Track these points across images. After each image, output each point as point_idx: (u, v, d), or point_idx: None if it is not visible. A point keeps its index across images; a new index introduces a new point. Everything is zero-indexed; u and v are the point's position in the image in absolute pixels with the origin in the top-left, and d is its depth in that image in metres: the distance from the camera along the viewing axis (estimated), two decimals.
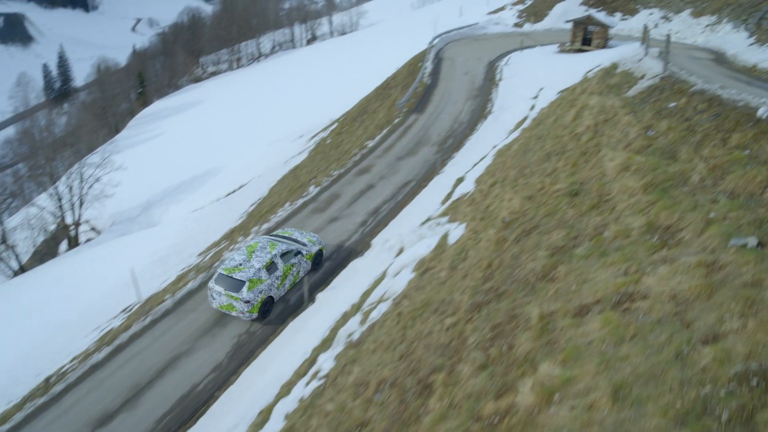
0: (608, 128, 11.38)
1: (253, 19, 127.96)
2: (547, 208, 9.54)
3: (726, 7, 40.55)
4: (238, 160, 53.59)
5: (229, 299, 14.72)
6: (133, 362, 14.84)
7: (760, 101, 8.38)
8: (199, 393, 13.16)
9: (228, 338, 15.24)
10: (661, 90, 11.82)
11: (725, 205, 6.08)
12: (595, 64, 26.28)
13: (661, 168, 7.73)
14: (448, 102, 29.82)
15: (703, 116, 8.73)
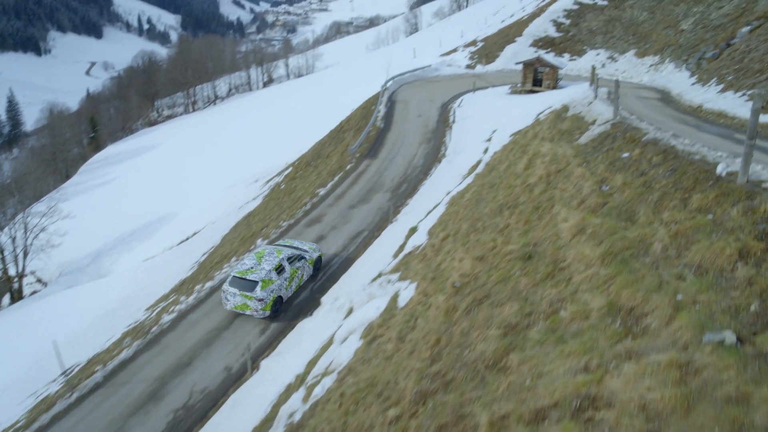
0: (561, 180, 10.72)
1: (209, 62, 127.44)
2: (499, 273, 8.66)
3: (667, 48, 42.08)
4: (192, 206, 52.23)
5: (244, 299, 16.03)
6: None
7: (717, 155, 7.80)
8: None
9: (163, 415, 13.80)
10: (613, 138, 11.29)
11: (693, 284, 5.27)
12: (547, 105, 26.27)
13: (618, 233, 6.95)
14: (402, 146, 29.30)
15: (659, 171, 8.09)
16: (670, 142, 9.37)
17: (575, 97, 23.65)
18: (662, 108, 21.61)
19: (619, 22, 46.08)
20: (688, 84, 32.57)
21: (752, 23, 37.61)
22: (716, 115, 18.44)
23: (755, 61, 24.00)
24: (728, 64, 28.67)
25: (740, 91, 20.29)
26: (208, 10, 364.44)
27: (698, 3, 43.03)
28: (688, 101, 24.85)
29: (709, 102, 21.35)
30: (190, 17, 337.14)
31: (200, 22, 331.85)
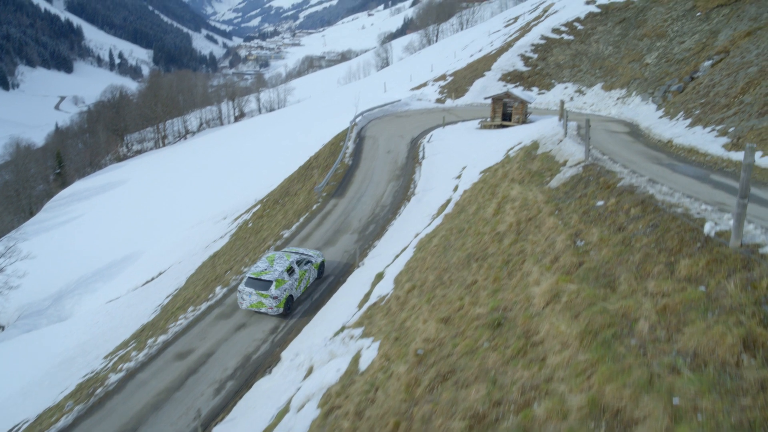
0: (532, 230, 9.85)
1: (180, 97, 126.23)
2: (466, 343, 7.64)
3: (633, 81, 42.60)
4: (159, 244, 50.77)
5: (259, 297, 17.36)
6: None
7: (701, 208, 6.99)
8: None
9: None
10: (585, 182, 10.52)
11: (691, 382, 4.32)
12: (516, 141, 25.82)
13: (597, 304, 6.02)
14: (370, 183, 28.46)
15: (638, 226, 7.24)
16: (647, 189, 8.60)
17: (545, 133, 23.21)
18: (633, 144, 21.24)
19: (585, 56, 46.69)
20: (656, 117, 32.68)
21: (713, 57, 38.33)
22: (687, 151, 18.08)
23: (720, 95, 23.99)
24: (694, 97, 28.79)
25: (709, 126, 20.05)
26: (180, 45, 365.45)
27: (661, 38, 43.88)
28: (657, 135, 24.65)
29: (679, 137, 21.08)
30: (162, 52, 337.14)
31: (172, 57, 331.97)
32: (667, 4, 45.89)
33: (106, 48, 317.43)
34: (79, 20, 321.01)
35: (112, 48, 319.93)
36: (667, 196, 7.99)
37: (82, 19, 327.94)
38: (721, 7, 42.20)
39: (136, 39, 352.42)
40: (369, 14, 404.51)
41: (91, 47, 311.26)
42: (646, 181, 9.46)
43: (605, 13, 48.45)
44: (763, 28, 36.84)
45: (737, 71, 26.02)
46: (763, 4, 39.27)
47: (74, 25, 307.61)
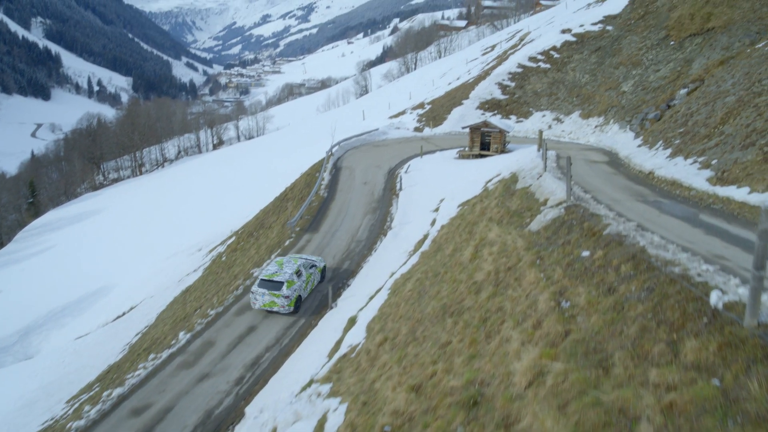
0: (512, 283, 8.92)
1: (158, 124, 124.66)
2: (438, 425, 6.60)
3: (611, 109, 42.62)
4: (132, 277, 49.18)
5: (272, 297, 18.60)
6: None
7: (702, 269, 6.12)
8: None
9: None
10: (568, 227, 9.66)
11: None
12: (495, 172, 25.14)
13: (589, 393, 5.04)
14: (346, 217, 27.46)
15: (631, 288, 6.34)
16: (637, 240, 7.73)
17: (524, 165, 22.55)
18: (614, 177, 20.64)
19: (562, 85, 46.77)
20: (635, 146, 32.43)
21: (688, 86, 38.50)
22: (670, 184, 17.47)
23: (699, 125, 23.66)
24: (672, 126, 28.54)
25: (690, 158, 19.55)
26: (160, 72, 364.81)
27: (636, 66, 44.16)
28: (637, 166, 24.17)
29: (660, 168, 20.56)
30: (141, 79, 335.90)
31: (152, 84, 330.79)
32: (641, 33, 46.37)
33: (85, 75, 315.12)
34: (57, 48, 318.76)
35: (90, 75, 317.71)
36: (661, 250, 7.11)
37: (60, 47, 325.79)
38: (694, 36, 42.71)
39: (115, 66, 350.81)
40: (349, 42, 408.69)
41: (70, 74, 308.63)
42: (635, 228, 8.62)
43: (581, 41, 48.81)
44: (736, 57, 37.19)
45: (714, 100, 25.82)
46: (734, 33, 39.79)
47: (53, 52, 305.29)
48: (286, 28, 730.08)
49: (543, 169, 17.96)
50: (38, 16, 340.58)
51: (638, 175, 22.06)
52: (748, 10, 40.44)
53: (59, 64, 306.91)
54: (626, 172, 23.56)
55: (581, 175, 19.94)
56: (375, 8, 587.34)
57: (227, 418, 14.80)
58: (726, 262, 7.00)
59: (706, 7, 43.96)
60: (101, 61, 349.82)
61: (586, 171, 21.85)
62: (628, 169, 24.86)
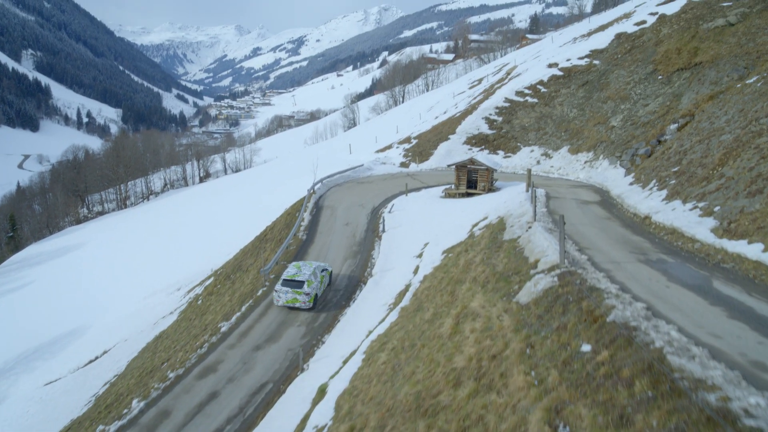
0: (496, 382, 7.30)
1: (145, 155, 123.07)
2: None
3: (600, 144, 41.69)
4: (108, 317, 47.03)
5: (294, 294, 20.79)
6: None
7: (749, 402, 4.55)
8: None
9: None
10: (563, 304, 8.11)
11: None
12: (482, 215, 23.72)
13: None
14: (325, 261, 25.77)
15: (651, 419, 4.75)
16: (650, 334, 6.22)
17: (512, 208, 21.16)
18: (608, 223, 19.18)
19: (550, 119, 45.94)
20: (626, 183, 31.25)
21: (678, 121, 37.71)
22: (670, 233, 16.06)
23: (695, 165, 22.46)
24: (665, 164, 27.40)
25: (689, 202, 18.22)
26: (150, 104, 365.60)
27: (625, 100, 43.48)
28: (632, 208, 22.81)
29: (657, 213, 19.19)
30: (131, 111, 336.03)
31: (141, 116, 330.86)
32: (628, 67, 45.89)
33: (74, 107, 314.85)
34: (47, 79, 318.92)
35: (80, 107, 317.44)
36: (685, 357, 5.55)
37: (50, 79, 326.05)
38: (682, 70, 42.21)
39: (105, 98, 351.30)
40: (338, 75, 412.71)
41: (59, 106, 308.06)
42: (644, 313, 7.08)
43: (568, 76, 48.24)
44: (726, 92, 36.53)
45: (709, 138, 24.73)
46: (722, 68, 39.29)
47: (42, 84, 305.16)
48: (277, 60, 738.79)
49: (532, 217, 16.52)
50: (29, 48, 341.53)
51: (633, 219, 20.65)
52: (735, 45, 40.07)
53: (49, 95, 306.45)
54: (620, 215, 22.16)
55: (573, 221, 18.50)
56: (364, 41, 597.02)
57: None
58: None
59: (693, 41, 43.64)
60: (91, 93, 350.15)
61: (577, 216, 20.42)
62: (622, 211, 23.49)
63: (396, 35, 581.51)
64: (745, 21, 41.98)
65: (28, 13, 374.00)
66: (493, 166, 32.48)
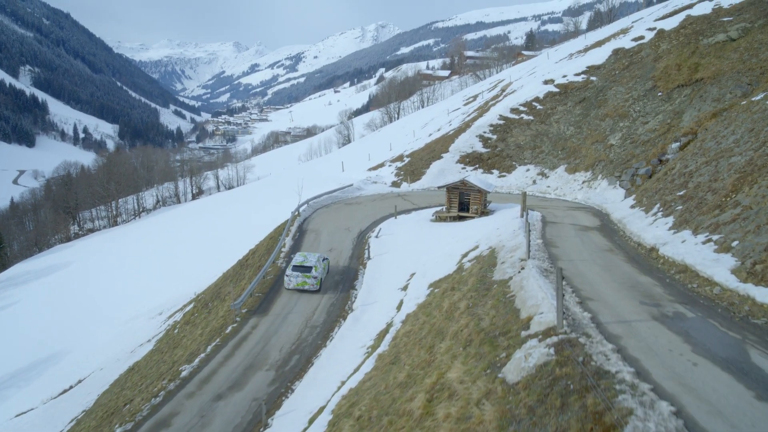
0: None
1: (138, 172, 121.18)
2: None
3: (598, 163, 39.99)
4: (88, 342, 44.89)
5: (304, 278, 23.92)
6: None
7: None
8: None
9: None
10: (562, 394, 6.24)
11: None
12: (472, 243, 21.82)
13: None
14: (302, 294, 23.75)
15: None
16: None
17: (504, 238, 19.28)
18: (612, 258, 17.20)
19: (546, 137, 44.27)
20: (627, 206, 29.42)
21: (680, 139, 36.07)
22: (682, 271, 14.13)
23: (704, 189, 20.62)
24: (669, 186, 25.60)
25: (701, 233, 16.34)
26: (147, 120, 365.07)
27: (623, 118, 41.87)
28: (635, 236, 20.91)
29: (665, 244, 17.28)
30: (128, 126, 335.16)
31: (138, 132, 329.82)
32: (626, 83, 44.37)
33: (71, 122, 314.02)
34: (44, 95, 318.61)
35: (77, 122, 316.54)
36: None
37: (47, 94, 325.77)
38: (682, 87, 40.68)
39: (102, 114, 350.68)
40: (335, 91, 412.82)
41: (56, 121, 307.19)
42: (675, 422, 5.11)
43: (564, 92, 46.69)
44: (729, 109, 34.93)
45: (717, 159, 22.95)
46: (724, 84, 37.76)
47: (39, 99, 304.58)
48: (275, 77, 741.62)
49: (526, 252, 14.62)
50: (27, 64, 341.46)
51: (638, 251, 18.70)
52: (737, 61, 38.59)
53: (45, 111, 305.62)
54: (623, 245, 20.22)
55: (571, 256, 16.59)
56: (361, 58, 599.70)
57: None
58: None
59: (693, 57, 42.19)
60: (88, 109, 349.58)
61: (576, 248, 18.50)
62: (625, 240, 21.57)
63: (393, 52, 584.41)
64: (747, 36, 40.56)
65: (27, 30, 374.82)
66: (485, 187, 30.60)
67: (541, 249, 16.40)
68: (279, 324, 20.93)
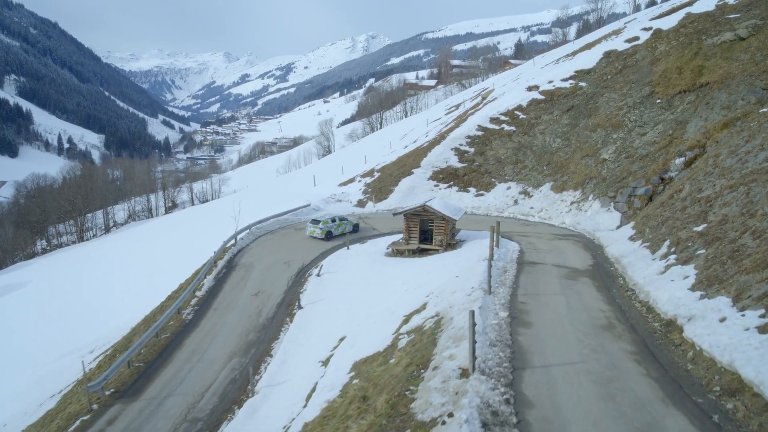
0: None
1: (121, 182, 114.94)
2: None
3: (589, 181, 34.52)
4: (7, 388, 38.57)
5: (314, 229, 30.96)
6: None
7: None
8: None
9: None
10: None
11: None
12: (423, 297, 16.13)
13: None
14: (198, 363, 17.83)
15: None
16: None
17: (457, 301, 13.59)
18: (613, 350, 11.35)
19: (530, 150, 38.74)
20: (626, 237, 23.84)
21: (685, 154, 30.68)
22: (735, 385, 8.40)
23: (738, 227, 15.02)
24: (681, 217, 20.06)
25: (751, 308, 10.70)
26: (135, 130, 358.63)
27: (617, 128, 36.45)
28: (642, 292, 15.27)
29: (690, 320, 11.55)
30: (114, 137, 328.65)
31: (125, 142, 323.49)
32: (620, 90, 39.03)
33: (56, 132, 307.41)
34: (29, 105, 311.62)
35: (61, 132, 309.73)
36: None
37: (32, 104, 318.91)
38: (685, 93, 35.34)
39: (88, 124, 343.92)
40: (325, 101, 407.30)
41: (40, 131, 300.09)
42: None
43: (550, 100, 41.26)
44: (742, 118, 29.56)
45: (746, 183, 17.46)
46: (734, 90, 32.41)
47: (23, 109, 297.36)
48: (265, 87, 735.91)
49: (470, 360, 8.85)
50: (12, 74, 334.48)
51: (651, 325, 12.95)
52: (749, 62, 33.33)
53: (30, 121, 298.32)
54: (628, 311, 14.39)
55: (548, 353, 10.86)
56: (352, 69, 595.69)
57: None
58: None
59: (696, 59, 36.91)
60: (74, 119, 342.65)
61: (559, 327, 12.71)
62: (627, 296, 15.84)
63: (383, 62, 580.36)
64: (759, 34, 35.34)
65: (13, 39, 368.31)
66: (452, 214, 24.83)
67: (502, 334, 10.73)
68: (150, 413, 15.05)
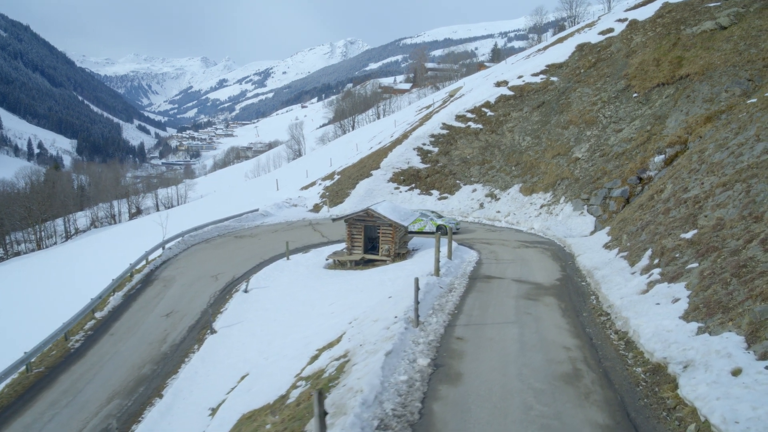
0: None
1: (80, 190, 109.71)
2: None
3: (560, 182, 31.53)
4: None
5: None
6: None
7: None
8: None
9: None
10: None
11: None
12: (341, 326, 12.71)
13: None
14: (66, 408, 14.06)
15: None
16: None
17: (372, 334, 10.19)
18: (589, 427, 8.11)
19: (498, 149, 35.64)
20: (600, 244, 20.79)
21: (665, 151, 27.84)
22: None
23: (739, 233, 11.96)
24: (665, 222, 17.00)
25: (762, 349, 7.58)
26: (108, 135, 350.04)
27: (591, 125, 33.56)
28: (620, 317, 12.06)
29: (688, 368, 8.15)
30: (87, 142, 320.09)
31: (98, 147, 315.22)
32: (594, 84, 36.20)
33: (26, 137, 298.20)
34: None
35: (32, 137, 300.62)
36: None
37: (1, 108, 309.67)
38: (663, 86, 32.60)
39: (60, 129, 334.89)
40: (303, 106, 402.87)
41: (9, 136, 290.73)
42: None
43: (520, 96, 38.27)
44: (727, 111, 26.78)
45: (743, 180, 14.42)
46: (717, 81, 29.67)
47: None
48: (243, 92, 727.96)
49: None
50: None
51: (633, 369, 9.69)
52: (731, 52, 30.71)
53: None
54: (602, 345, 11.12)
55: (470, 426, 7.45)
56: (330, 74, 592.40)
57: None
58: None
59: (675, 50, 34.27)
60: (46, 124, 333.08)
61: (504, 378, 9.25)
62: (601, 322, 12.63)
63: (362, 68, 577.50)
64: (741, 23, 32.81)
65: None
66: (401, 220, 21.49)
67: (408, 402, 7.33)
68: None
